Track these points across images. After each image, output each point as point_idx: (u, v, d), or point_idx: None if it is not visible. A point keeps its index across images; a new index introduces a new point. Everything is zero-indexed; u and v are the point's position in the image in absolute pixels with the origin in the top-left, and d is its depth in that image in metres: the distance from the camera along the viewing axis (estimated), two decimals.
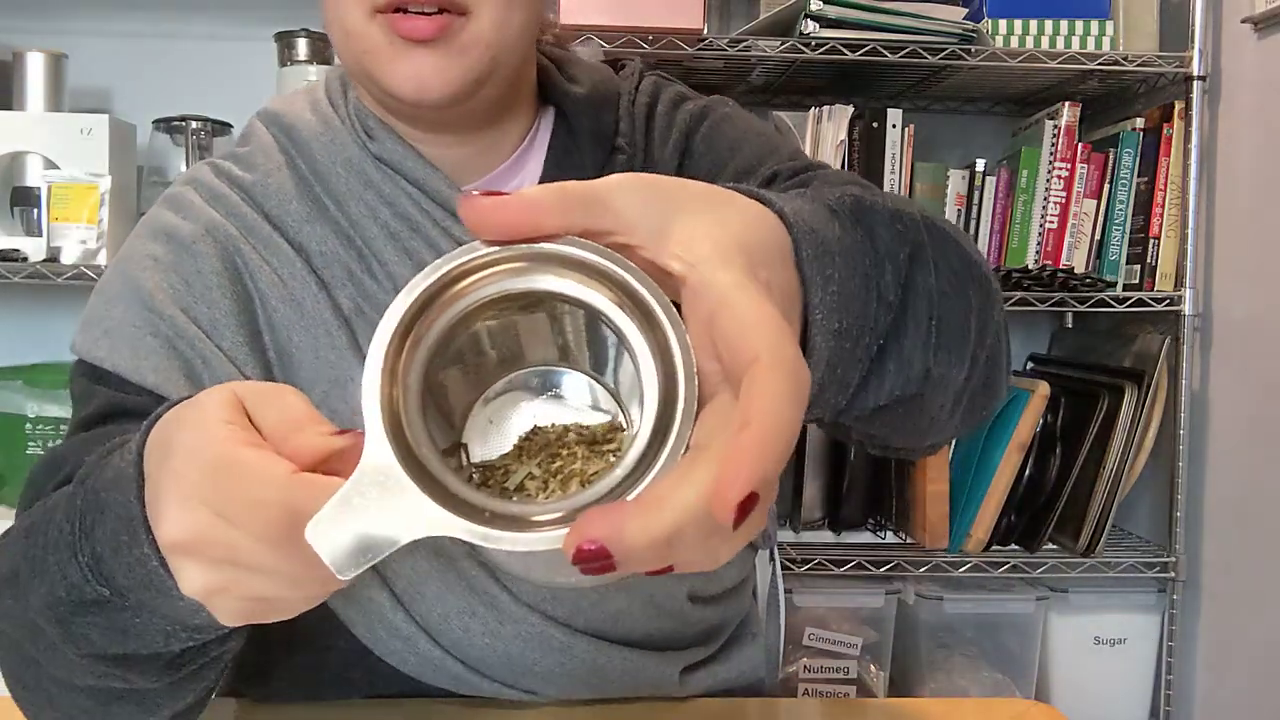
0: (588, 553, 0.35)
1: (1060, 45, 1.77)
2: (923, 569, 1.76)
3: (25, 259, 1.67)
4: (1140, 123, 1.83)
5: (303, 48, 1.79)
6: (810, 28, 1.70)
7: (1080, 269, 1.83)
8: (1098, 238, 1.84)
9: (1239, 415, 1.75)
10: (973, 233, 1.84)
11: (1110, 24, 1.79)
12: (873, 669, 1.79)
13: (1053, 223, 1.83)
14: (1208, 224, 1.81)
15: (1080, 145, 1.83)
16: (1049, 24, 1.78)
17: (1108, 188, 1.83)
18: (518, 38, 0.72)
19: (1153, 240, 1.80)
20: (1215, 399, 1.80)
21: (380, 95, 0.74)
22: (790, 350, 0.36)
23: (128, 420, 0.69)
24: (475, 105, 0.74)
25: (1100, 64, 1.76)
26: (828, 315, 0.48)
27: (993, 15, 1.76)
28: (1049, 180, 1.83)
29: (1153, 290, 1.79)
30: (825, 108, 1.82)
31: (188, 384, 0.69)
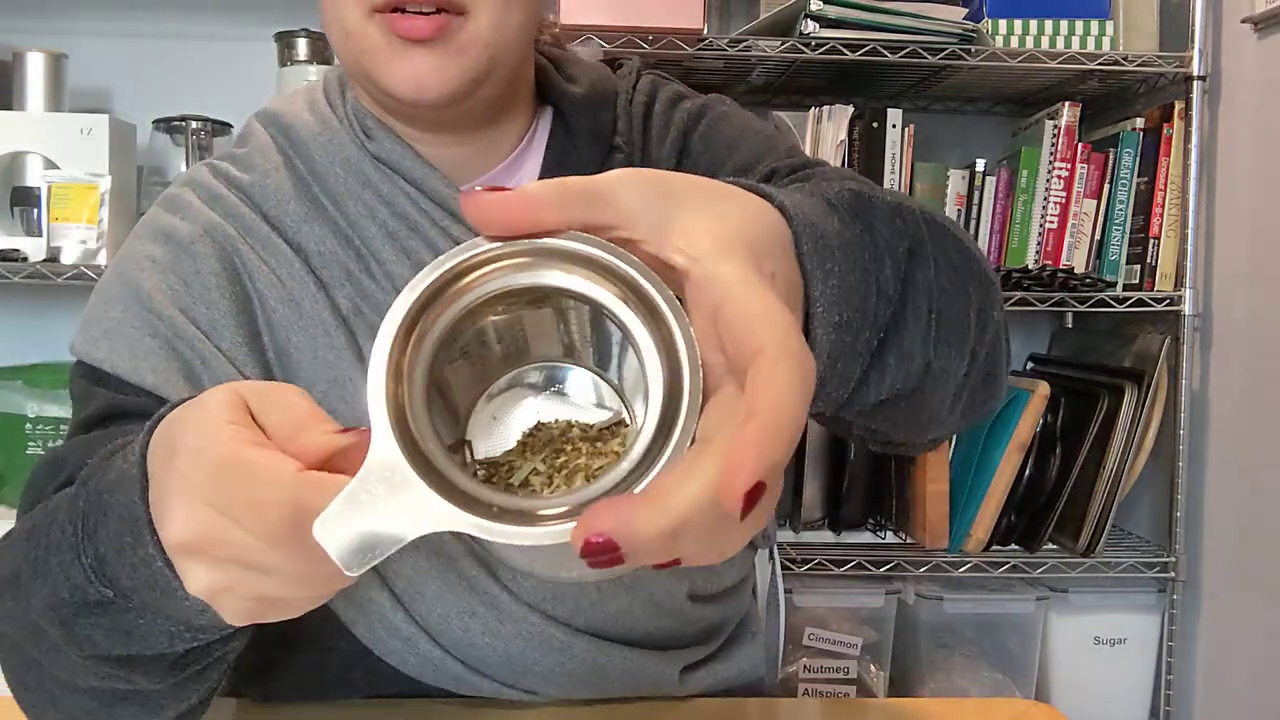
0: (596, 545, 0.35)
1: (1060, 45, 1.77)
2: (923, 569, 1.75)
3: (25, 259, 1.67)
4: (1140, 123, 1.83)
5: (303, 48, 1.79)
6: (810, 28, 1.70)
7: (1080, 269, 1.83)
8: (1098, 238, 1.84)
9: (1239, 415, 1.75)
10: (973, 233, 1.84)
11: (1110, 24, 1.78)
12: (873, 669, 1.79)
13: (1053, 223, 1.83)
14: (1208, 224, 1.81)
15: (1080, 145, 1.83)
16: (1049, 24, 1.78)
17: (1108, 188, 1.83)
18: (515, 37, 0.72)
19: (1153, 240, 1.80)
20: (1215, 399, 1.80)
21: (378, 95, 0.74)
22: (796, 341, 0.36)
23: (127, 421, 0.69)
24: (473, 105, 0.73)
25: (1100, 64, 1.76)
26: (828, 309, 0.48)
27: (993, 15, 1.76)
28: (1049, 180, 1.83)
29: (1153, 290, 1.79)
30: (825, 108, 1.82)
31: (187, 385, 0.69)
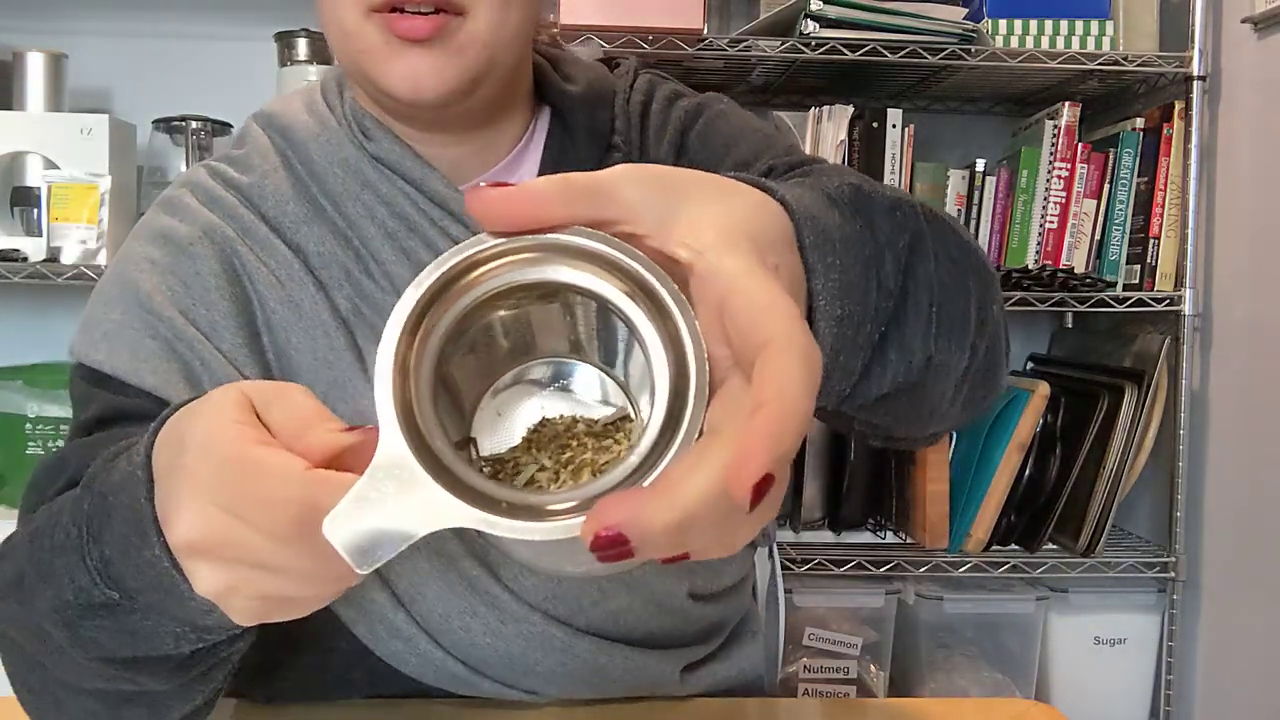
0: (606, 539, 0.35)
1: (1060, 45, 1.77)
2: (923, 569, 1.75)
3: (25, 259, 1.67)
4: (1140, 123, 1.83)
5: (303, 48, 1.79)
6: (810, 28, 1.70)
7: (1080, 269, 1.82)
8: (1098, 238, 1.84)
9: (1239, 415, 1.74)
10: (973, 233, 1.84)
11: (1110, 24, 1.78)
12: (873, 669, 1.79)
13: (1053, 223, 1.83)
14: (1208, 224, 1.81)
15: (1080, 145, 1.82)
16: (1049, 24, 1.77)
17: (1108, 188, 1.83)
18: (514, 37, 0.72)
19: (1153, 240, 1.80)
20: (1215, 399, 1.80)
21: (376, 95, 0.74)
22: (802, 333, 0.36)
23: (128, 423, 0.69)
24: (472, 105, 0.73)
25: (1100, 64, 1.76)
26: (830, 302, 0.48)
27: (993, 15, 1.76)
28: (1049, 180, 1.82)
29: (1153, 290, 1.79)
30: (825, 108, 1.82)
31: (187, 386, 0.69)
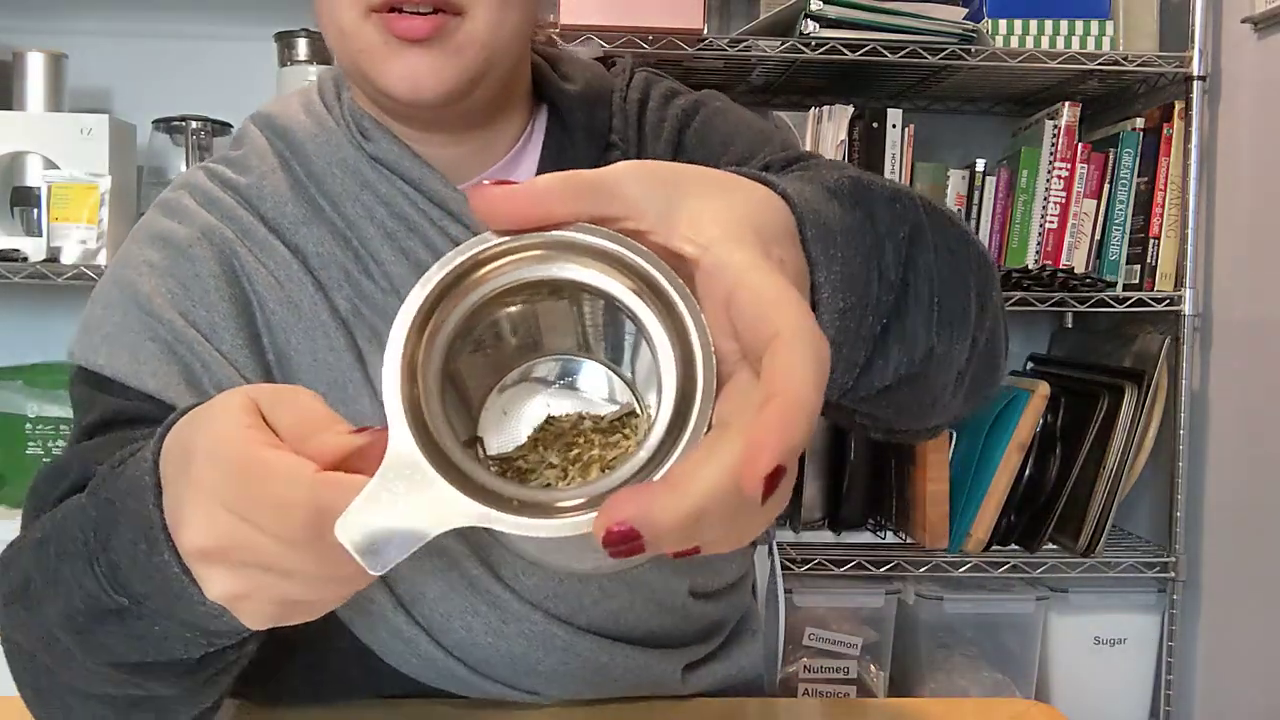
0: (618, 534, 0.35)
1: (1060, 45, 1.77)
2: (923, 569, 1.75)
3: (25, 259, 1.67)
4: (1140, 123, 1.83)
5: (303, 48, 1.79)
6: (810, 28, 1.70)
7: (1080, 269, 1.82)
8: (1098, 238, 1.84)
9: (1239, 415, 1.74)
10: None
11: (1110, 24, 1.78)
12: (873, 669, 1.79)
13: (1053, 223, 1.83)
14: (1208, 224, 1.81)
15: (1080, 145, 1.82)
16: (1049, 24, 1.77)
17: (1108, 188, 1.83)
18: (512, 37, 0.71)
19: (1153, 240, 1.80)
20: (1215, 399, 1.80)
21: (375, 95, 0.74)
22: (809, 325, 0.36)
23: (129, 426, 0.68)
24: (470, 105, 0.73)
25: (1100, 64, 1.76)
26: (833, 294, 0.48)
27: (993, 15, 1.76)
28: (1049, 180, 1.82)
29: (1153, 290, 1.79)
30: (825, 108, 1.82)
31: (188, 388, 0.69)
